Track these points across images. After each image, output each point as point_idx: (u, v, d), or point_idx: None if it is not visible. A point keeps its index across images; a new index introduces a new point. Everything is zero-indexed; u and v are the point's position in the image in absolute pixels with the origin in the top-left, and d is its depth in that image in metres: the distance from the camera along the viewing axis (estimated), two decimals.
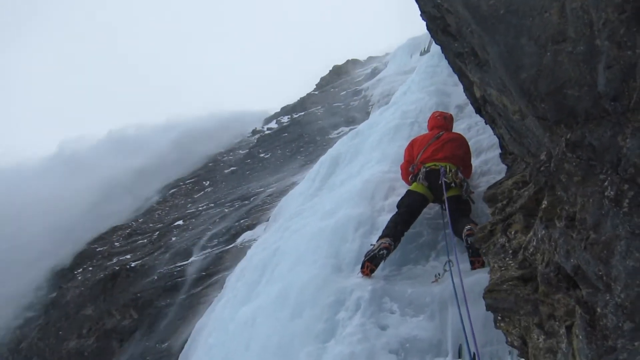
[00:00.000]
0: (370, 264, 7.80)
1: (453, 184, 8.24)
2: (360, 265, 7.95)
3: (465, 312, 6.49)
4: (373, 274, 7.81)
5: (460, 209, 8.03)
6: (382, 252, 7.79)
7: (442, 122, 9.67)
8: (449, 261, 7.22)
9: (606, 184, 2.78)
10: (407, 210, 8.34)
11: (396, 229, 8.04)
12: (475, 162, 9.57)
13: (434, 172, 8.56)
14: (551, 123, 3.23)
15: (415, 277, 7.74)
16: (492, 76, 4.43)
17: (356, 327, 6.96)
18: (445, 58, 6.74)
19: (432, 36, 6.29)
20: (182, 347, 13.20)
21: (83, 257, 27.92)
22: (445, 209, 7.84)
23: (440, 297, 6.98)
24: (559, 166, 3.07)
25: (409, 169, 9.15)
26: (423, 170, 8.67)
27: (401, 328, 6.86)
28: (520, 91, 3.36)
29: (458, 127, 11.37)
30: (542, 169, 3.51)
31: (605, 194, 2.76)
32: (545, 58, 3.15)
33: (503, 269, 4.26)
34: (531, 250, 3.91)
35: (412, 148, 9.35)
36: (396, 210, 8.49)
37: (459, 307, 5.72)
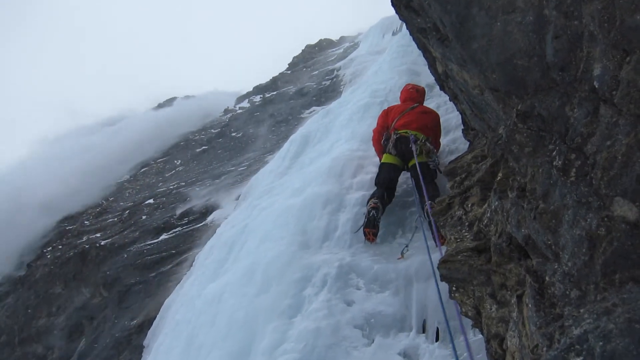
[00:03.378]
0: (369, 229, 7.98)
1: (421, 150, 8.49)
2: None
3: (430, 288, 6.61)
4: (376, 238, 8.06)
5: (426, 176, 8.19)
6: (372, 212, 8.00)
7: (415, 94, 9.81)
8: (406, 246, 7.53)
9: (554, 153, 2.81)
10: (385, 186, 8.55)
11: (381, 195, 8.33)
12: (443, 140, 9.64)
13: (404, 138, 8.75)
14: (503, 94, 3.25)
15: (381, 254, 7.78)
16: (453, 51, 4.44)
17: (322, 302, 7.00)
18: (410, 34, 6.74)
19: (396, 12, 6.25)
20: (151, 324, 13.21)
21: (52, 236, 27.70)
22: (418, 176, 7.98)
23: (406, 273, 7.05)
24: (510, 137, 3.10)
25: (383, 134, 9.28)
26: (394, 137, 8.86)
27: (366, 304, 6.91)
28: (472, 62, 3.38)
29: (427, 106, 11.42)
30: (499, 142, 3.54)
31: (554, 163, 2.79)
32: (496, 28, 3.17)
33: (459, 240, 4.31)
34: (485, 221, 3.96)
35: (387, 116, 9.46)
36: (374, 188, 8.64)
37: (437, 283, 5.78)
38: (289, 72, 43.67)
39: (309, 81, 35.11)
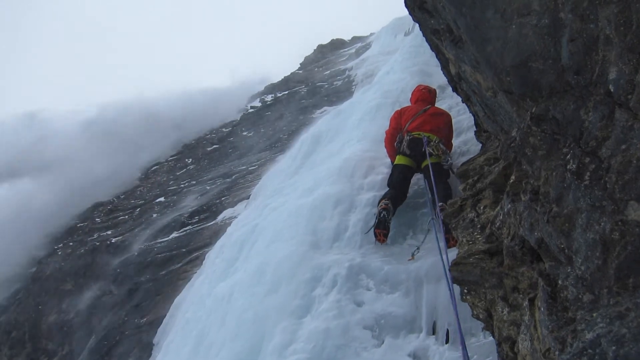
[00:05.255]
0: (380, 230, 8.00)
1: (433, 151, 8.48)
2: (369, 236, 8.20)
3: (441, 290, 6.59)
4: (387, 238, 8.08)
5: (439, 176, 8.21)
6: (382, 213, 8.02)
7: (427, 95, 9.80)
8: (418, 248, 7.58)
9: (569, 157, 2.80)
10: (397, 187, 8.54)
11: (393, 196, 8.34)
12: (455, 142, 9.62)
13: (417, 140, 8.76)
14: (517, 97, 3.25)
15: (391, 255, 7.78)
16: (466, 52, 4.44)
17: (332, 303, 7.00)
18: (423, 35, 6.74)
19: (409, 13, 6.25)
20: (161, 322, 13.24)
21: (63, 233, 27.80)
22: (430, 176, 8.00)
23: (416, 274, 7.03)
24: (524, 140, 3.09)
25: (396, 136, 9.27)
26: (407, 138, 8.88)
27: (376, 304, 6.90)
28: (487, 64, 3.37)
29: (440, 107, 11.39)
30: (512, 144, 3.53)
31: (568, 167, 2.78)
32: (511, 31, 3.17)
33: (471, 242, 4.30)
34: (498, 224, 3.95)
35: (400, 117, 9.45)
36: (386, 188, 8.66)
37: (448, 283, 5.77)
38: (300, 71, 43.58)
39: (320, 81, 35.01)
